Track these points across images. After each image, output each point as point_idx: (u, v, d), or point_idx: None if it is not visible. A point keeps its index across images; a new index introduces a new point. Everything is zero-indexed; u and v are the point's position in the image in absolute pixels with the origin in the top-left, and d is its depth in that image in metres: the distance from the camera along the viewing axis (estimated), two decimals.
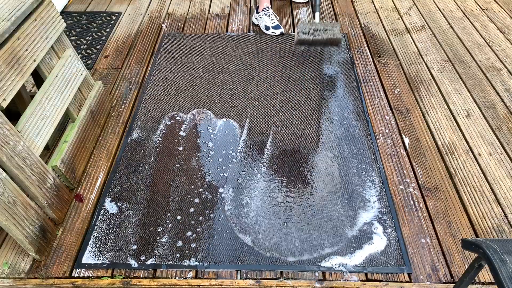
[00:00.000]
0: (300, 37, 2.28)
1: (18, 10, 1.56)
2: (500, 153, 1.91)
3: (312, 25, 2.31)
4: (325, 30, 2.28)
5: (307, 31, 2.29)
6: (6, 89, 1.44)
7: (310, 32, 2.28)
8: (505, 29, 2.75)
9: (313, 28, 2.29)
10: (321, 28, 2.29)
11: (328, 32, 2.28)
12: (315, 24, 2.30)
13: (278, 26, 2.70)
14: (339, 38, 2.28)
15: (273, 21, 2.70)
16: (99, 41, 2.71)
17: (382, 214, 1.65)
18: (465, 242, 1.06)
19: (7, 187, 1.35)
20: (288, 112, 2.13)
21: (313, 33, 2.28)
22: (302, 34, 2.28)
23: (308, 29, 2.29)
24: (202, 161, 1.87)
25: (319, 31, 2.28)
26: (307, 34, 2.28)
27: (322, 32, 2.28)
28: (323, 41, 2.29)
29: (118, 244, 1.55)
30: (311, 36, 2.27)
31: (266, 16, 2.71)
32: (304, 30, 2.29)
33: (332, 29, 2.29)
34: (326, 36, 2.27)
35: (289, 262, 1.49)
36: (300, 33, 2.29)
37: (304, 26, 2.30)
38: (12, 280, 1.46)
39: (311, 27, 2.30)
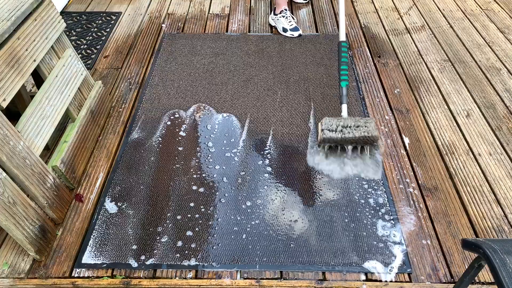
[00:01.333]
0: (326, 136, 1.77)
1: (18, 10, 1.56)
2: (500, 153, 1.91)
3: (340, 121, 1.81)
4: (356, 127, 1.79)
5: (334, 128, 1.79)
6: (6, 89, 1.44)
7: (339, 129, 1.79)
8: (505, 29, 2.75)
9: (342, 124, 1.80)
10: (351, 124, 1.79)
11: (361, 129, 1.78)
12: (344, 120, 1.81)
13: (296, 28, 2.68)
14: (375, 136, 1.76)
15: (291, 23, 2.69)
16: (99, 41, 2.71)
17: (382, 214, 1.65)
18: (465, 242, 1.06)
19: (7, 187, 1.35)
20: (288, 112, 2.13)
21: (341, 130, 1.79)
22: (328, 131, 1.78)
23: (336, 125, 1.80)
24: (202, 161, 1.87)
25: (349, 127, 1.79)
26: (334, 131, 1.78)
27: (353, 129, 1.78)
28: (354, 139, 1.77)
29: (118, 244, 1.55)
30: (339, 134, 1.77)
31: (284, 18, 2.69)
32: (330, 126, 1.80)
33: (365, 125, 1.79)
34: (359, 134, 1.76)
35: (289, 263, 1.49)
36: (325, 131, 1.79)
37: (330, 121, 1.81)
38: (12, 280, 1.46)
39: (339, 123, 1.80)
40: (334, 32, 2.77)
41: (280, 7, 2.71)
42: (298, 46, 2.61)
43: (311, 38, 2.70)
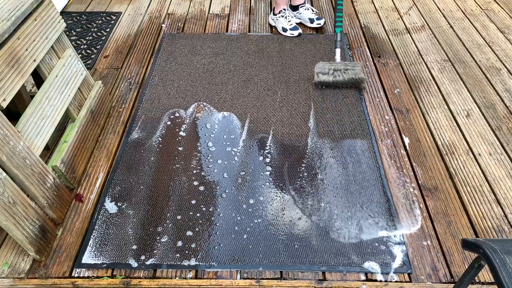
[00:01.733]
0: (320, 79, 2.16)
1: (18, 10, 1.56)
2: (500, 153, 1.91)
3: (331, 65, 2.18)
4: (345, 70, 2.15)
5: (326, 71, 2.15)
6: (6, 89, 1.44)
7: (330, 73, 2.15)
8: (505, 29, 2.75)
9: (333, 68, 2.16)
10: (341, 68, 2.15)
11: (349, 72, 2.14)
12: (335, 64, 2.18)
13: (295, 27, 2.66)
14: (362, 77, 2.14)
15: (290, 22, 2.66)
16: (99, 41, 2.71)
17: (382, 213, 1.65)
18: (465, 242, 1.06)
19: (7, 187, 1.35)
20: (288, 112, 2.13)
21: (333, 73, 2.15)
22: (322, 75, 2.15)
23: (328, 69, 2.16)
24: (202, 161, 1.87)
25: (340, 71, 2.15)
26: (326, 74, 2.15)
27: (342, 72, 2.15)
28: (344, 81, 2.15)
29: (118, 244, 1.55)
30: (331, 76, 2.14)
31: (283, 18, 2.67)
32: (323, 70, 2.16)
33: (353, 69, 2.15)
34: (348, 77, 2.13)
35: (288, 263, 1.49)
36: (319, 74, 2.16)
37: (323, 66, 2.17)
38: (12, 280, 1.46)
39: (331, 67, 2.16)
40: (334, 32, 2.77)
41: (279, 7, 2.68)
42: (298, 46, 2.61)
43: (311, 38, 2.70)
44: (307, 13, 2.77)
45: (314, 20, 2.75)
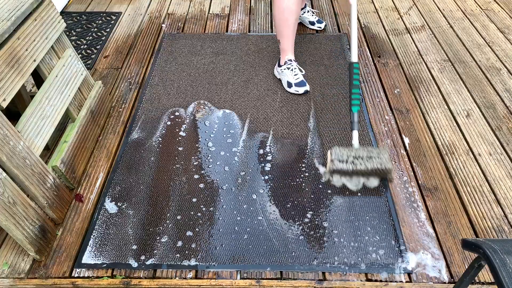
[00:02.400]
0: (337, 167, 1.68)
1: (18, 10, 1.56)
2: (500, 153, 1.91)
3: (351, 151, 1.71)
4: (369, 158, 1.69)
5: (345, 159, 1.69)
6: (6, 89, 1.44)
7: (350, 160, 1.68)
8: (505, 29, 2.75)
9: (353, 154, 1.70)
10: (364, 155, 1.69)
11: (374, 161, 1.68)
12: (356, 150, 1.71)
13: (303, 83, 2.21)
14: (389, 168, 1.68)
15: (297, 76, 2.22)
16: (99, 41, 2.71)
17: (382, 214, 1.65)
18: (465, 242, 1.06)
19: (7, 187, 1.35)
20: (288, 112, 2.13)
21: (353, 161, 1.68)
22: (339, 162, 1.68)
23: (347, 155, 1.69)
24: (202, 161, 1.87)
25: (361, 159, 1.69)
26: (345, 162, 1.68)
27: (365, 161, 1.68)
28: (367, 171, 1.69)
29: (118, 244, 1.55)
30: (350, 165, 1.67)
31: (289, 71, 2.22)
32: (341, 157, 1.69)
33: (378, 157, 1.69)
34: (371, 166, 1.67)
35: (288, 263, 1.49)
36: (335, 161, 1.69)
37: (340, 152, 1.70)
38: (12, 280, 1.46)
39: (351, 153, 1.70)
40: (334, 32, 2.77)
41: (284, 57, 2.25)
42: (298, 46, 2.61)
43: (311, 38, 2.69)
44: (308, 16, 2.74)
45: (314, 23, 2.73)
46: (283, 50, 2.24)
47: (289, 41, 2.18)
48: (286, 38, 2.18)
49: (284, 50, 2.23)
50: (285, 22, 2.09)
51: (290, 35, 2.16)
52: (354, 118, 1.82)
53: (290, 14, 2.06)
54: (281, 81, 2.30)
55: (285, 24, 2.11)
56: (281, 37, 2.19)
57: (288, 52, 2.23)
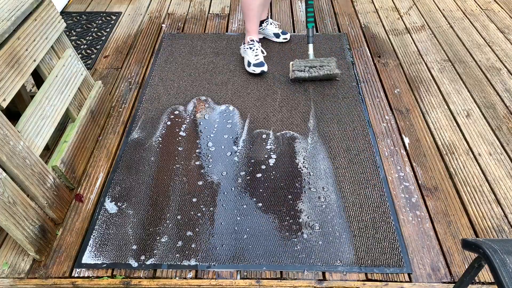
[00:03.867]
0: (296, 75, 2.24)
1: (18, 10, 1.56)
2: (500, 153, 1.91)
3: (307, 62, 2.25)
4: (321, 66, 2.24)
5: (302, 69, 2.24)
6: (6, 89, 1.44)
7: (306, 69, 2.23)
8: (505, 29, 2.75)
9: (309, 65, 2.24)
10: (317, 65, 2.24)
11: (325, 68, 2.23)
12: (311, 61, 2.25)
13: (261, 63, 2.33)
14: (336, 73, 2.24)
15: (257, 57, 2.35)
16: (99, 41, 2.71)
17: (381, 213, 1.65)
18: (465, 242, 1.06)
19: (7, 187, 1.35)
20: (288, 112, 2.13)
21: (309, 70, 2.23)
22: (298, 72, 2.23)
23: (304, 66, 2.24)
24: (202, 161, 1.87)
25: (315, 68, 2.24)
26: (303, 71, 2.23)
27: (318, 69, 2.23)
28: (320, 77, 2.25)
29: (118, 244, 1.55)
30: (307, 73, 2.23)
31: (250, 50, 2.36)
32: (299, 67, 2.24)
33: (328, 65, 2.24)
34: (323, 72, 2.22)
35: (288, 262, 1.49)
36: (295, 71, 2.24)
37: (299, 63, 2.25)
38: (12, 280, 1.46)
39: (307, 64, 2.24)
40: (334, 31, 2.77)
41: (249, 35, 2.38)
42: (298, 46, 2.61)
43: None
44: (271, 28, 2.62)
45: (279, 35, 2.63)
46: (247, 31, 2.40)
47: (253, 23, 2.35)
48: (249, 21, 2.35)
49: (248, 31, 2.39)
50: (249, 6, 2.27)
51: (254, 18, 2.32)
52: (309, 33, 2.29)
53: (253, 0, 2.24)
54: (243, 59, 2.45)
55: (249, 8, 2.28)
56: (246, 20, 2.36)
57: (251, 33, 2.38)
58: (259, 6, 2.27)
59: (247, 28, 2.38)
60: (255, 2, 2.25)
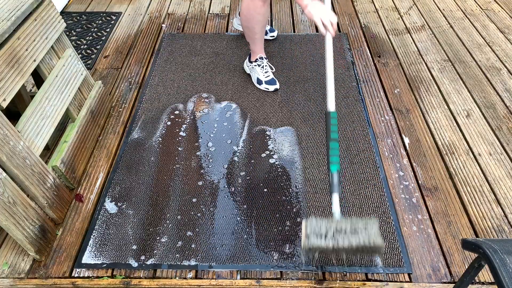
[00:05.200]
0: (312, 244, 1.28)
1: (18, 10, 1.56)
2: (500, 153, 1.91)
3: (331, 223, 1.32)
4: (354, 231, 1.30)
5: (322, 233, 1.30)
6: (6, 89, 1.44)
7: (330, 235, 1.29)
8: (505, 29, 2.75)
9: (334, 227, 1.31)
10: (346, 228, 1.30)
11: (360, 236, 1.28)
12: (336, 222, 1.33)
13: (273, 81, 2.25)
14: (379, 245, 1.27)
15: (267, 74, 2.25)
16: (99, 41, 2.71)
17: (382, 214, 1.65)
18: (465, 242, 1.06)
19: (7, 187, 1.35)
20: (288, 112, 2.13)
21: (333, 237, 1.29)
22: (316, 239, 1.29)
23: (326, 228, 1.31)
24: (202, 161, 1.87)
25: (344, 233, 1.30)
26: (322, 237, 1.29)
27: (349, 235, 1.29)
28: (351, 249, 1.29)
29: (118, 244, 1.55)
30: (330, 241, 1.28)
31: (259, 68, 2.26)
32: (317, 230, 1.31)
33: (365, 229, 1.30)
34: (357, 243, 1.27)
35: (287, 259, 1.49)
36: (312, 238, 1.29)
37: (317, 223, 1.32)
38: (12, 280, 1.46)
39: (330, 227, 1.31)
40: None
41: (256, 54, 2.27)
42: (298, 46, 2.61)
43: (311, 38, 2.70)
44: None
45: (267, 32, 2.63)
46: (253, 51, 2.28)
47: (257, 44, 2.23)
48: (254, 43, 2.23)
49: (254, 51, 2.27)
50: (252, 30, 2.15)
51: (258, 40, 2.21)
52: (334, 179, 1.45)
53: (255, 23, 2.10)
54: (251, 76, 2.34)
55: (252, 32, 2.16)
56: (251, 43, 2.24)
57: (258, 53, 2.26)
58: (262, 28, 2.14)
59: (253, 49, 2.26)
60: (258, 26, 2.12)
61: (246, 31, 2.19)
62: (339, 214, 1.42)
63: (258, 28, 2.13)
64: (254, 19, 2.07)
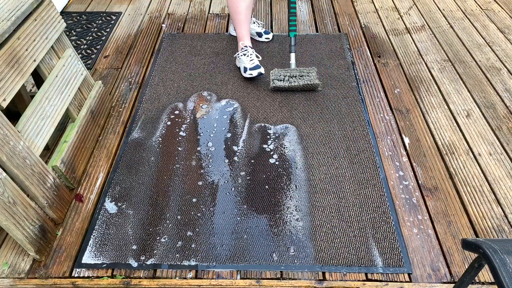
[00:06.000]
0: (276, 85, 2.19)
1: (18, 10, 1.56)
2: (500, 153, 1.91)
3: (287, 71, 2.22)
4: (301, 76, 2.19)
5: (282, 78, 2.19)
6: (6, 89, 1.44)
7: (286, 79, 2.19)
8: (505, 29, 2.75)
9: (288, 74, 2.20)
10: (296, 75, 2.20)
11: (305, 78, 2.18)
12: (290, 71, 2.22)
13: (257, 66, 2.27)
14: (316, 83, 2.17)
15: (252, 61, 2.29)
16: (99, 41, 2.71)
17: (381, 214, 1.65)
18: (465, 242, 1.06)
19: (7, 187, 1.35)
20: (288, 112, 2.13)
21: (288, 80, 2.18)
22: (277, 81, 2.19)
23: (283, 75, 2.20)
24: (202, 161, 1.87)
25: (295, 77, 2.19)
26: (282, 81, 2.19)
27: (298, 79, 2.18)
28: (299, 87, 2.19)
29: (118, 244, 1.55)
30: (286, 83, 2.17)
31: (245, 57, 2.30)
32: (279, 77, 2.20)
33: (308, 75, 2.19)
34: (303, 83, 2.16)
35: (289, 260, 1.49)
36: (275, 81, 2.19)
37: (278, 72, 2.21)
38: (12, 280, 1.46)
39: (286, 74, 2.21)
40: (334, 31, 2.77)
41: (241, 42, 2.35)
42: (298, 46, 2.61)
43: (311, 38, 2.70)
44: (254, 27, 2.63)
45: (262, 34, 2.64)
46: (238, 37, 2.36)
47: (242, 28, 2.31)
48: (239, 26, 2.31)
49: (239, 37, 2.35)
50: (236, 10, 2.25)
51: (243, 22, 2.29)
52: (292, 41, 2.27)
53: (239, 2, 2.21)
54: (239, 68, 2.38)
55: (236, 11, 2.26)
56: (236, 25, 2.33)
57: (243, 38, 2.33)
58: (246, 9, 2.24)
59: (238, 34, 2.34)
60: (242, 5, 2.22)
61: (231, 13, 2.29)
62: (294, 65, 2.29)
63: (243, 7, 2.23)
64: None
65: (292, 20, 2.24)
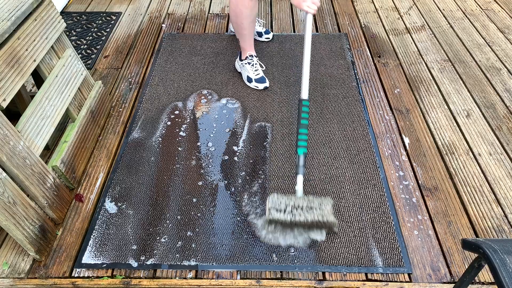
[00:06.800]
0: (274, 217, 1.46)
1: (18, 10, 1.56)
2: (500, 153, 1.91)
3: (290, 199, 1.50)
4: (310, 208, 1.48)
5: (282, 208, 1.48)
6: (6, 89, 1.44)
7: (288, 210, 1.47)
8: (505, 29, 2.75)
9: (292, 204, 1.49)
10: (303, 205, 1.48)
11: (315, 212, 1.47)
12: (296, 199, 1.50)
13: (263, 79, 2.26)
14: (332, 221, 1.47)
15: (257, 72, 2.26)
16: (99, 41, 2.71)
17: (382, 213, 1.65)
18: (465, 242, 1.06)
19: (7, 187, 1.35)
20: (288, 112, 2.13)
21: (291, 212, 1.47)
22: (276, 212, 1.46)
23: (285, 204, 1.48)
24: (202, 161, 1.87)
25: (301, 209, 1.48)
26: (282, 211, 1.47)
27: (305, 211, 1.47)
28: (306, 223, 1.48)
29: (118, 244, 1.55)
30: (288, 215, 1.46)
31: (250, 66, 2.26)
32: (278, 205, 1.48)
33: (320, 207, 1.48)
34: (311, 218, 1.46)
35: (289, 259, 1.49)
36: (272, 210, 1.47)
37: (278, 199, 1.50)
38: (12, 280, 1.46)
39: (289, 203, 1.49)
40: (334, 31, 2.77)
41: (245, 52, 2.28)
42: (298, 46, 2.61)
43: (311, 38, 2.69)
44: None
45: (262, 34, 2.63)
46: (243, 48, 2.29)
47: (246, 42, 2.25)
48: (243, 39, 2.24)
49: (244, 48, 2.29)
50: (241, 26, 2.16)
51: (247, 37, 2.22)
52: (300, 161, 1.60)
53: (244, 18, 2.11)
54: (241, 74, 2.35)
55: (241, 27, 2.17)
56: (241, 39, 2.26)
57: (247, 50, 2.28)
58: (250, 23, 2.16)
59: (243, 46, 2.27)
60: (246, 21, 2.13)
61: (235, 26, 2.22)
62: (301, 193, 1.57)
63: (247, 23, 2.15)
64: (242, 14, 2.09)
65: (301, 134, 1.63)
